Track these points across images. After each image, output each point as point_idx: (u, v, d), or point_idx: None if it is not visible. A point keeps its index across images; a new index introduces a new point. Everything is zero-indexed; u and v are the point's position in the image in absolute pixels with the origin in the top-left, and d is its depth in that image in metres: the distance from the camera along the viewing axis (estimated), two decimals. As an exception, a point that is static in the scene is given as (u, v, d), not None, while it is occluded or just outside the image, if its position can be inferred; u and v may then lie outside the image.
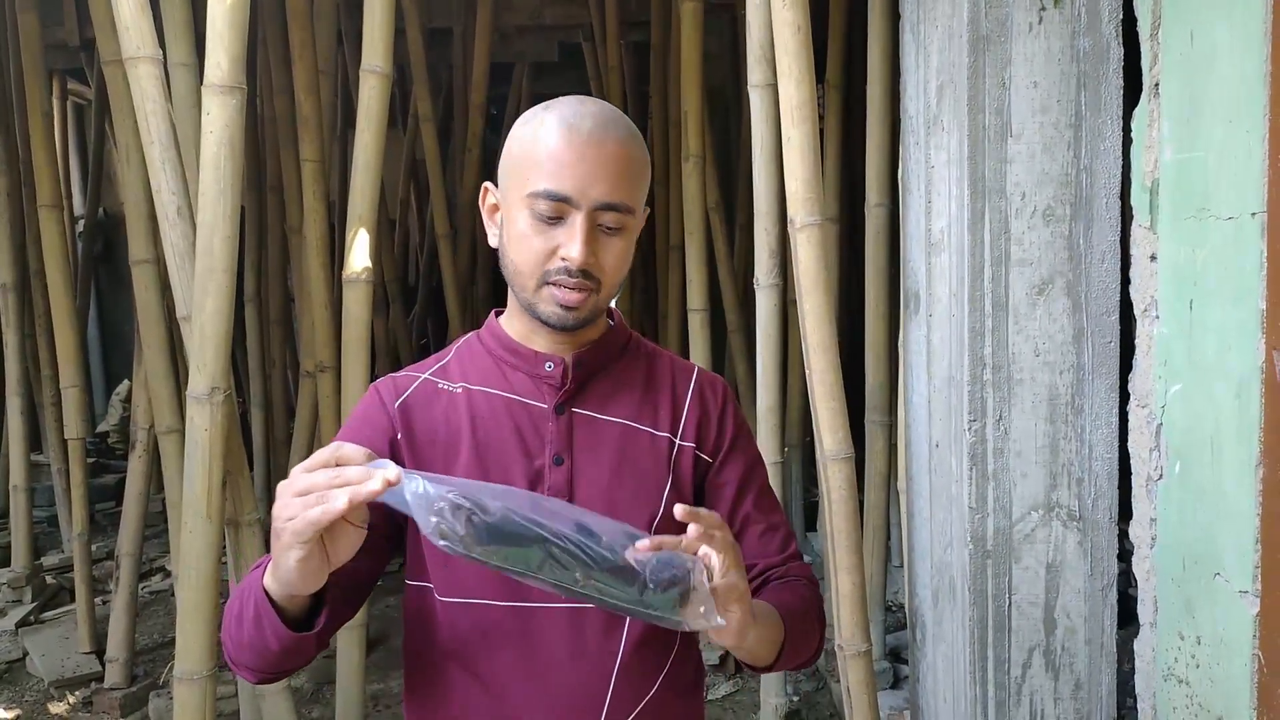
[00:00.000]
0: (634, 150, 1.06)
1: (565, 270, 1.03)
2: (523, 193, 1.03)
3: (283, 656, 0.98)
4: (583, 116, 1.04)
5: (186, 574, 2.10)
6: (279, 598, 0.93)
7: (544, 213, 1.02)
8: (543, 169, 1.02)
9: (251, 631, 0.96)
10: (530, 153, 1.04)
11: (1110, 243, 1.81)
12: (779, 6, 1.94)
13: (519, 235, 1.04)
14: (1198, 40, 1.54)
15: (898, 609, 3.63)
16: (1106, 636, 1.90)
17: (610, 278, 1.06)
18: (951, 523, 1.96)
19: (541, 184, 1.02)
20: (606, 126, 1.04)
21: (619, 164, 1.03)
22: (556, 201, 1.02)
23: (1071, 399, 1.84)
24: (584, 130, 1.02)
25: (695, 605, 0.88)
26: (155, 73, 2.09)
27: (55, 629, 3.92)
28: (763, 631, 1.02)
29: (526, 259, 1.04)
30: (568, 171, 1.01)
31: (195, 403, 2.06)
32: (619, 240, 1.06)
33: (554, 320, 1.06)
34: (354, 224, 2.33)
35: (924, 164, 2.00)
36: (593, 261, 1.03)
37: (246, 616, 0.97)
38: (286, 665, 1.01)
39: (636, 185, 1.06)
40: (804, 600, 1.14)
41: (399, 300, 5.24)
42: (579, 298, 1.04)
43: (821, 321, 2.03)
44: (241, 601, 0.99)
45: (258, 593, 0.95)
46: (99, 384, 7.23)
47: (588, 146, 1.02)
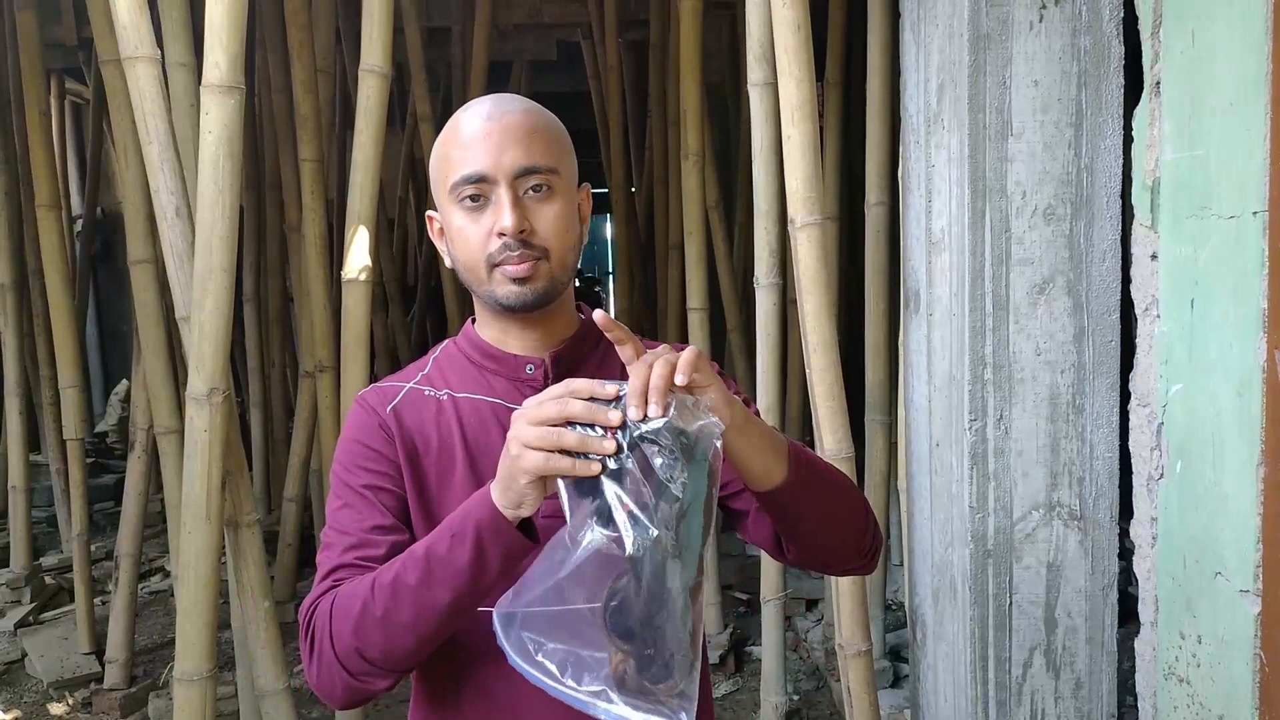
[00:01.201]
0: (538, 118, 1.08)
1: (505, 246, 1.04)
2: (447, 191, 1.06)
3: (460, 612, 0.95)
4: (480, 104, 1.08)
5: (185, 575, 2.10)
6: (510, 516, 0.91)
7: (469, 200, 1.04)
8: (455, 160, 1.05)
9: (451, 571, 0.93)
10: (444, 153, 1.07)
11: (1111, 242, 1.81)
12: (779, 5, 1.93)
13: (457, 233, 1.06)
14: (1199, 39, 1.54)
15: (897, 607, 3.63)
16: (1107, 636, 1.90)
17: (555, 243, 1.06)
18: (952, 522, 1.95)
19: (458, 173, 1.04)
20: (507, 102, 1.07)
21: (524, 129, 1.05)
22: (476, 183, 1.04)
23: (1072, 398, 1.84)
24: (483, 112, 1.06)
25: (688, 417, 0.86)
26: (154, 72, 2.09)
27: (54, 629, 3.92)
28: (756, 429, 0.97)
29: (468, 251, 1.06)
30: (477, 152, 1.04)
31: (194, 403, 2.05)
32: (551, 204, 1.06)
33: (514, 300, 1.06)
34: (353, 223, 2.33)
35: (924, 163, 1.99)
36: (527, 227, 1.04)
37: (432, 566, 0.93)
38: (442, 637, 0.98)
39: (550, 147, 1.07)
40: (832, 467, 1.10)
41: (398, 300, 5.24)
42: (527, 267, 1.04)
43: (821, 320, 2.03)
44: (419, 564, 0.95)
45: (476, 517, 0.92)
46: (97, 384, 7.23)
47: (489, 122, 1.05)
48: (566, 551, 0.85)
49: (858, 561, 1.13)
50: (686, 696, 0.86)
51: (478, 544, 0.92)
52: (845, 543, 1.10)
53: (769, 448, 0.98)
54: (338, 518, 1.07)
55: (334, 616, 0.99)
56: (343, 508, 1.07)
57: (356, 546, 1.04)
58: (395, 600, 0.95)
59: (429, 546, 0.95)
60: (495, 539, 0.92)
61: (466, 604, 0.95)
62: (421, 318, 6.14)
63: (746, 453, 0.96)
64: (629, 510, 0.84)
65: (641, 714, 0.84)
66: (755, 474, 0.98)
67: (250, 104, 4.38)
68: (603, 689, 0.85)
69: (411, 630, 0.95)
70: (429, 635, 0.96)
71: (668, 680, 0.86)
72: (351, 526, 1.05)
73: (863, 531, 1.10)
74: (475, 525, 0.92)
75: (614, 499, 0.84)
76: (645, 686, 0.85)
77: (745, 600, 4.00)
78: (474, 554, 0.92)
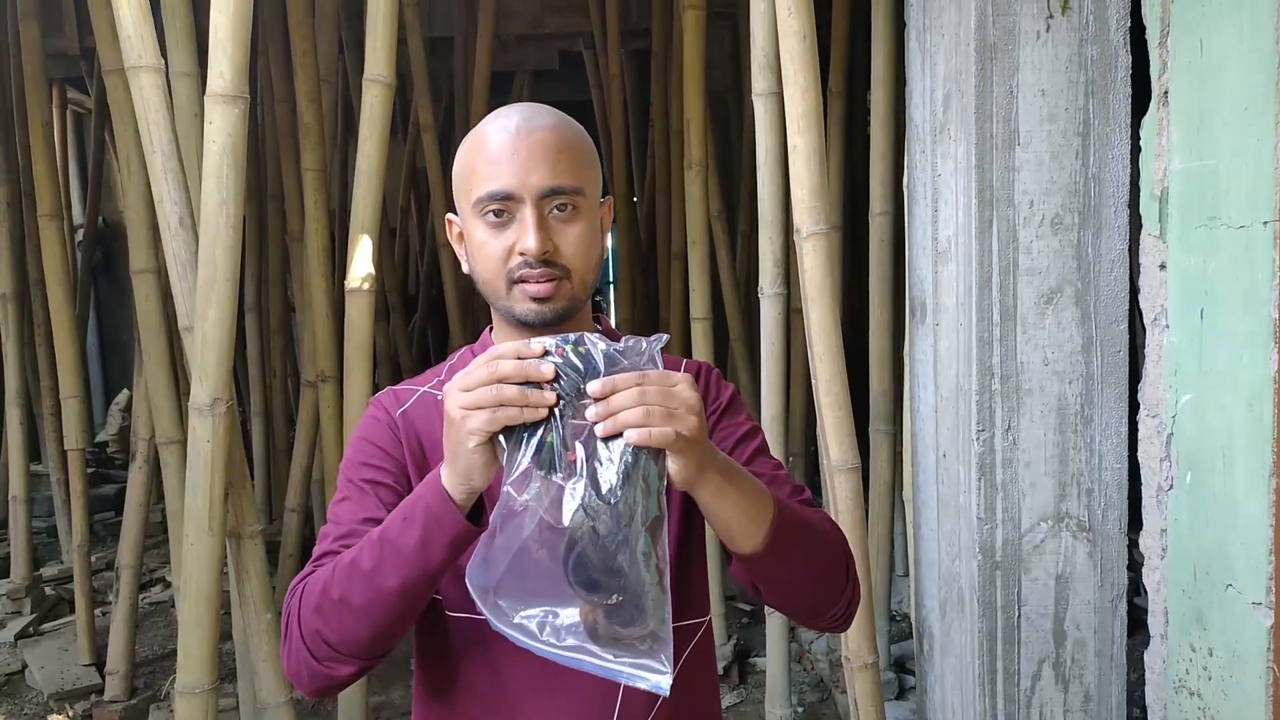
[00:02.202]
0: (567, 133, 1.06)
1: (526, 264, 1.03)
2: (470, 204, 1.05)
3: (429, 579, 0.94)
4: (509, 116, 1.05)
5: (188, 587, 2.09)
6: (460, 497, 0.91)
7: (493, 216, 1.03)
8: (482, 175, 1.03)
9: (402, 557, 0.92)
10: (468, 164, 1.06)
11: (1119, 251, 1.80)
12: (785, 14, 1.93)
13: (478, 247, 1.05)
14: (1207, 48, 1.53)
15: (901, 619, 3.62)
16: (1116, 648, 1.89)
17: (577, 264, 1.05)
18: (959, 533, 1.94)
19: (483, 188, 1.03)
20: (534, 118, 1.05)
21: (552, 148, 1.03)
22: (501, 200, 1.02)
23: (1080, 409, 1.83)
24: (511, 127, 1.04)
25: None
26: (157, 82, 2.08)
27: (55, 641, 3.89)
28: (736, 489, 0.93)
29: (489, 266, 1.05)
30: (504, 168, 1.02)
31: (197, 414, 2.04)
32: (575, 225, 1.05)
33: (531, 317, 1.05)
34: (357, 233, 2.32)
35: (930, 172, 1.99)
36: (551, 249, 1.03)
37: (385, 549, 0.93)
38: (399, 623, 0.97)
39: (578, 165, 1.05)
40: (818, 519, 1.06)
41: (399, 309, 5.23)
42: (548, 288, 1.03)
43: (828, 330, 2.02)
44: (373, 547, 0.94)
45: (426, 499, 0.92)
46: (98, 393, 7.22)
47: (518, 139, 1.03)
48: (523, 516, 0.84)
49: (828, 624, 1.11)
50: (660, 639, 0.85)
51: (424, 529, 0.91)
52: (819, 606, 1.08)
53: (748, 514, 0.94)
54: (336, 510, 1.08)
55: (303, 600, 0.99)
56: (342, 500, 1.09)
57: (345, 536, 1.04)
58: (350, 584, 0.95)
59: (384, 530, 0.95)
60: (440, 525, 0.91)
61: (417, 590, 0.94)
62: (423, 327, 6.13)
63: (722, 517, 0.94)
64: (574, 460, 0.83)
65: (622, 663, 0.84)
66: (731, 538, 0.96)
67: (252, 113, 4.38)
68: (580, 643, 0.84)
69: (364, 615, 0.95)
70: (383, 621, 0.95)
71: (640, 623, 0.85)
72: (345, 517, 1.06)
73: (838, 595, 1.07)
74: (424, 509, 0.92)
75: (558, 449, 0.84)
76: (617, 633, 0.85)
77: (749, 611, 3.98)
78: (420, 538, 0.91)
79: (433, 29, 4.77)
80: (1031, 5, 1.74)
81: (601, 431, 0.84)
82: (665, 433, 0.84)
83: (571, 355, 0.86)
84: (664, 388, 0.85)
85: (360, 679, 1.04)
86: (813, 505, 1.14)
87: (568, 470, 0.84)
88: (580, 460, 0.84)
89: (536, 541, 0.84)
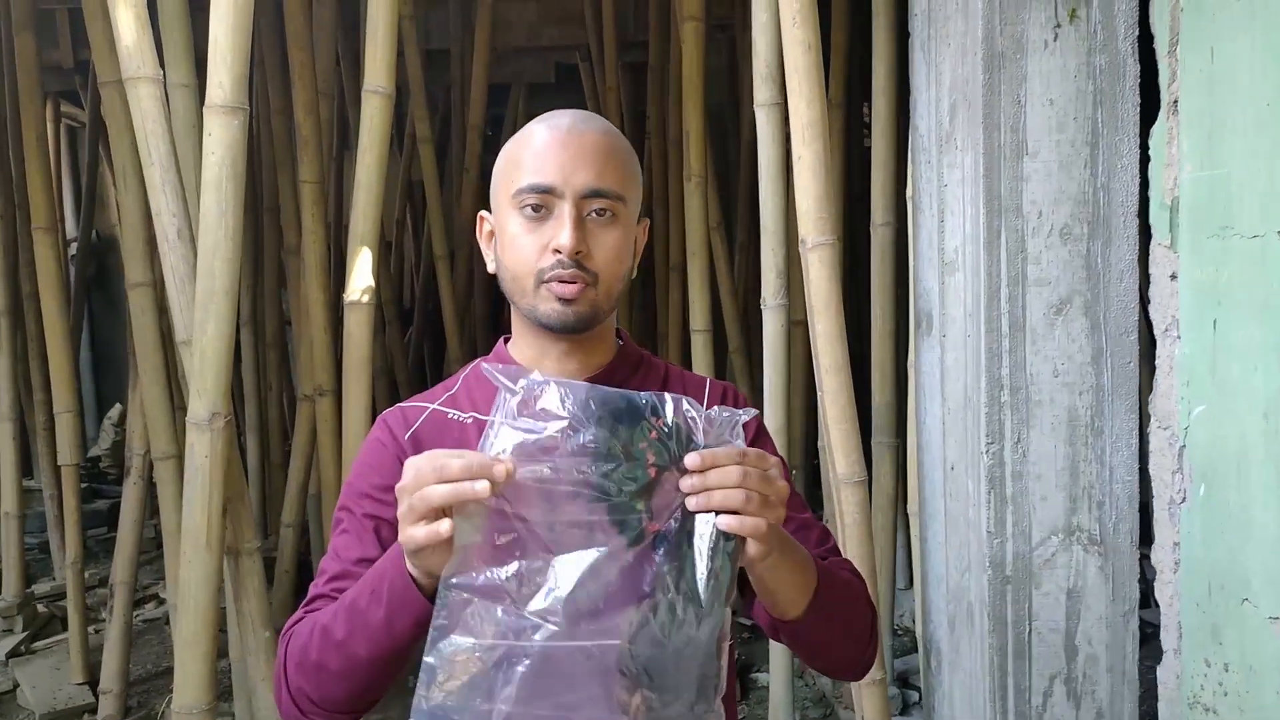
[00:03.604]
0: (617, 142, 1.06)
1: (559, 263, 1.01)
2: (510, 195, 1.03)
3: (401, 649, 0.92)
4: (562, 115, 1.06)
5: (185, 604, 2.05)
6: (422, 579, 0.88)
7: (531, 209, 1.01)
8: (526, 166, 1.02)
9: (370, 628, 0.91)
10: (514, 156, 1.05)
11: (1129, 262, 1.79)
12: (789, 25, 1.92)
13: (510, 240, 1.04)
14: (1218, 56, 1.52)
15: (903, 632, 3.59)
16: (1129, 664, 1.87)
17: (607, 272, 1.03)
18: (969, 547, 1.92)
19: (525, 180, 1.02)
20: (587, 120, 1.05)
21: (601, 151, 1.03)
22: (542, 194, 1.01)
23: (1091, 420, 1.81)
24: (563, 125, 1.04)
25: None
26: (155, 93, 2.06)
27: (47, 659, 3.84)
28: (789, 562, 0.93)
29: (520, 260, 1.03)
30: (550, 163, 1.01)
31: (195, 428, 2.02)
32: (613, 231, 1.03)
33: (554, 319, 1.02)
34: (355, 244, 2.30)
35: (936, 182, 1.97)
36: (584, 250, 1.01)
37: (356, 618, 0.92)
38: (376, 687, 0.96)
39: (623, 174, 1.04)
40: (849, 579, 1.07)
41: (395, 323, 5.20)
42: (575, 289, 1.01)
43: (834, 342, 2.00)
44: (346, 611, 0.93)
45: (390, 575, 0.90)
46: (90, 408, 7.17)
47: (569, 136, 1.02)
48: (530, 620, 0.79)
49: (843, 676, 1.12)
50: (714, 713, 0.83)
51: (389, 607, 0.90)
52: (841, 664, 1.09)
53: (795, 585, 0.95)
54: (335, 544, 1.07)
55: (289, 651, 0.99)
56: (342, 533, 1.07)
57: (338, 578, 1.03)
58: (325, 650, 0.95)
59: (354, 599, 0.94)
60: (404, 605, 0.89)
61: (387, 660, 0.93)
62: (419, 341, 6.10)
63: (770, 588, 0.94)
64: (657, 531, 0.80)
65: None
66: (775, 605, 0.97)
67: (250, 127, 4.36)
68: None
69: (340, 679, 0.94)
70: (358, 686, 0.95)
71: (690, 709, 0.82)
72: (343, 553, 1.04)
73: (860, 654, 1.08)
74: (389, 588, 0.90)
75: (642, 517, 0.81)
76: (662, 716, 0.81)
77: (750, 626, 3.95)
78: (385, 616, 0.90)
79: (429, 41, 4.76)
80: (1039, 14, 1.73)
81: (694, 506, 0.81)
82: (758, 524, 0.82)
83: (669, 415, 0.82)
84: (763, 472, 0.84)
85: None
86: (838, 553, 1.14)
87: (648, 542, 0.81)
88: (673, 534, 0.81)
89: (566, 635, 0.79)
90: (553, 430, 0.80)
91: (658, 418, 0.82)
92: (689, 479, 0.82)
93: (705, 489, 0.81)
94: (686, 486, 0.82)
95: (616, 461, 0.80)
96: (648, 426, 0.81)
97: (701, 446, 0.82)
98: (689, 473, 0.82)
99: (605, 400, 0.81)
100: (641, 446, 0.81)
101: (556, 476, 0.80)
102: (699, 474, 0.81)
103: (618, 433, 0.80)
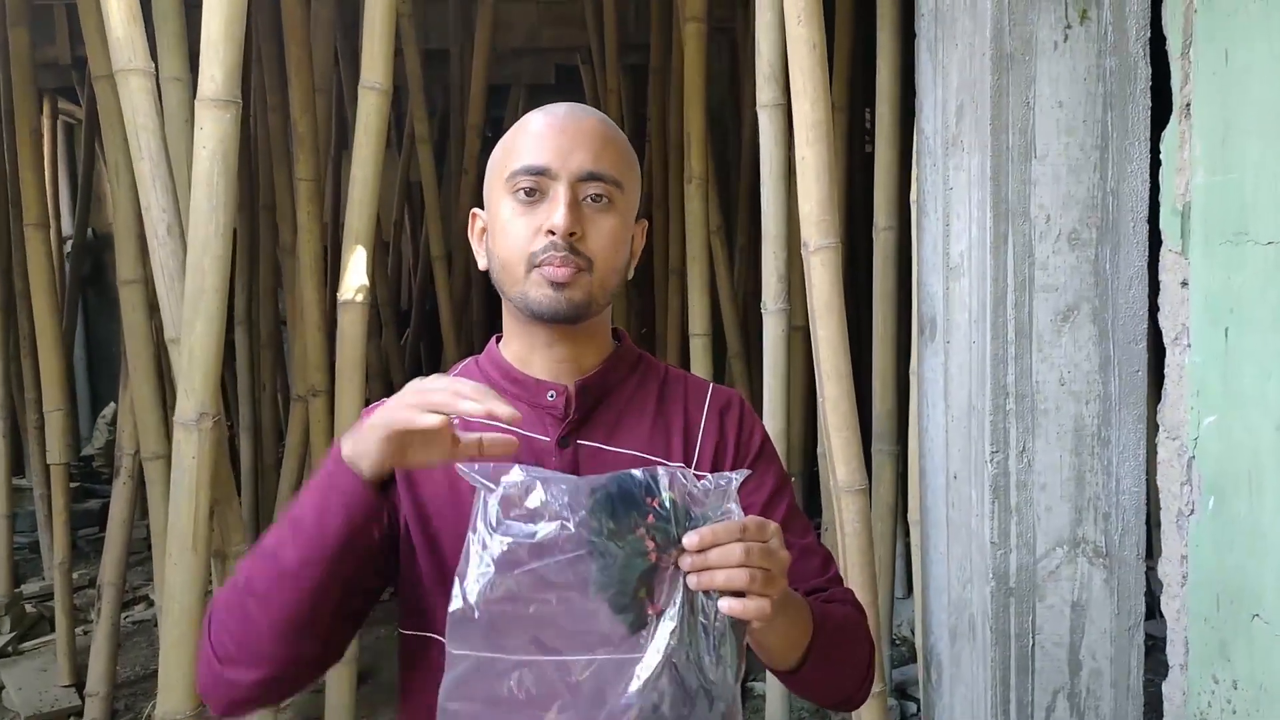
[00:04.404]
0: (615, 132, 1.04)
1: (552, 245, 0.97)
2: (503, 179, 1.00)
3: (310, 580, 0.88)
4: (557, 105, 1.04)
5: (170, 607, 2.01)
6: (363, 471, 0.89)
7: (525, 192, 0.99)
8: (520, 150, 1.00)
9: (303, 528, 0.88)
10: (509, 144, 1.03)
11: (1138, 268, 1.75)
12: (794, 23, 1.88)
13: (502, 226, 1.00)
14: (1233, 59, 1.49)
15: (901, 642, 3.55)
16: (1133, 679, 1.83)
17: (602, 259, 1.00)
18: (971, 558, 1.88)
19: (520, 162, 0.99)
20: (585, 109, 1.04)
21: (599, 136, 1.01)
22: (536, 175, 0.98)
23: (1098, 430, 1.77)
24: (560, 112, 1.02)
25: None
26: (146, 86, 2.03)
27: (34, 661, 3.80)
28: (787, 622, 0.91)
29: (511, 245, 0.99)
30: (546, 145, 0.99)
31: (183, 428, 1.97)
32: (608, 218, 1.00)
33: (546, 305, 0.98)
34: (350, 243, 2.26)
35: (942, 185, 1.94)
36: (579, 233, 0.98)
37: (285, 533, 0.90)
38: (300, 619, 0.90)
39: (620, 161, 1.02)
40: (847, 618, 1.04)
41: (392, 324, 5.17)
42: (568, 272, 0.97)
43: (836, 348, 1.96)
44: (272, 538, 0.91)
45: (326, 467, 0.90)
46: (85, 407, 7.13)
47: (566, 121, 1.01)
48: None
49: (840, 708, 1.11)
50: None
51: (320, 494, 0.89)
52: (834, 700, 1.07)
53: (790, 640, 0.93)
54: None
55: (217, 598, 0.95)
56: None
57: None
58: (255, 565, 0.91)
59: (290, 508, 0.92)
60: (334, 489, 0.89)
61: (316, 571, 0.88)
62: (415, 342, 6.06)
63: (767, 645, 0.92)
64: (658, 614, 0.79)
65: None
66: (769, 658, 0.95)
67: (246, 123, 4.33)
68: None
69: (265, 602, 0.89)
70: (282, 612, 0.89)
71: None
72: None
73: (855, 689, 1.06)
74: (324, 475, 0.90)
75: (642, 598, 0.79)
76: None
77: (745, 633, 3.91)
78: (316, 506, 0.89)
79: (429, 41, 4.72)
80: (1049, 15, 1.70)
81: (696, 585, 0.79)
82: (762, 606, 0.80)
83: (665, 494, 0.78)
84: (764, 545, 0.81)
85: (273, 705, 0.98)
86: (840, 580, 1.10)
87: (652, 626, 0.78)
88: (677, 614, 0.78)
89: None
90: (544, 534, 0.77)
91: (653, 498, 0.78)
92: (689, 558, 0.79)
93: (706, 568, 0.79)
94: (687, 566, 0.79)
95: (613, 556, 0.77)
96: (644, 509, 0.78)
97: (700, 521, 0.79)
98: (688, 552, 0.79)
99: (595, 489, 0.78)
100: (639, 533, 0.78)
101: (552, 580, 0.77)
102: (699, 553, 0.79)
103: (615, 519, 0.77)
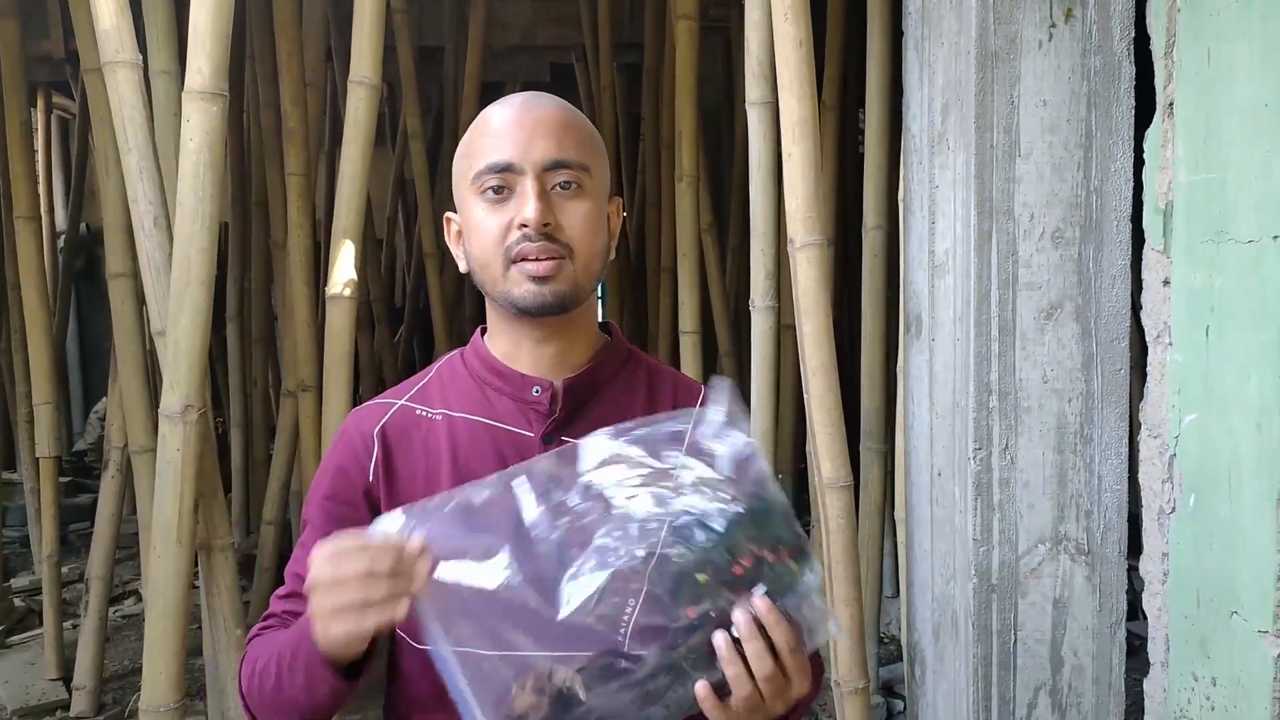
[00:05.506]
0: (575, 116, 1.02)
1: (526, 238, 0.96)
2: (469, 181, 0.99)
3: (324, 709, 0.94)
4: (513, 97, 1.03)
5: (154, 601, 2.01)
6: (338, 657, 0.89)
7: (492, 193, 0.98)
8: (482, 150, 0.99)
9: (295, 687, 0.92)
10: (469, 145, 1.02)
11: (1121, 266, 1.76)
12: (781, 20, 1.88)
13: (475, 226, 0.99)
14: (1215, 58, 1.49)
15: (889, 640, 3.55)
16: (1115, 675, 1.83)
17: (580, 244, 0.98)
18: (954, 555, 1.88)
19: (483, 161, 0.98)
20: (540, 97, 1.03)
21: (558, 123, 0.99)
22: (501, 172, 0.97)
23: (1080, 428, 1.78)
24: (516, 103, 1.01)
25: None
26: (134, 78, 2.02)
27: (22, 654, 3.79)
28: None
29: (485, 244, 0.98)
30: (507, 139, 0.98)
31: (168, 421, 1.97)
32: (580, 202, 0.99)
33: (530, 301, 0.97)
34: (339, 237, 2.26)
35: (927, 183, 1.94)
36: (551, 222, 0.97)
37: (284, 673, 0.93)
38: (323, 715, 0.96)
39: (584, 144, 1.01)
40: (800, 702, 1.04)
41: (385, 321, 5.16)
42: (549, 265, 0.96)
43: (820, 344, 1.96)
44: (278, 660, 0.94)
45: (306, 649, 0.89)
46: (78, 401, 7.11)
47: (522, 112, 0.99)
48: None
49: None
50: None
51: (307, 675, 0.91)
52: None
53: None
54: (298, 554, 1.04)
55: (243, 672, 1.01)
56: (301, 545, 1.04)
57: (290, 596, 1.03)
58: (264, 686, 0.96)
59: (281, 651, 0.94)
60: (321, 682, 0.90)
61: (322, 708, 0.94)
62: (408, 339, 6.06)
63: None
64: None
65: None
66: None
67: (238, 118, 4.33)
68: None
69: (283, 710, 0.96)
70: (300, 715, 0.96)
71: None
72: (301, 568, 1.01)
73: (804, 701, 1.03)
74: (305, 658, 0.90)
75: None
76: None
77: (734, 631, 3.91)
78: (305, 682, 0.91)
79: (423, 38, 4.72)
80: (1034, 14, 1.70)
81: (720, 655, 0.81)
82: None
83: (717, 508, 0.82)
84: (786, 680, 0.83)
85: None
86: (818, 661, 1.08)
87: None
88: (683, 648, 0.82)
89: None
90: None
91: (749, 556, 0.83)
92: (721, 636, 0.81)
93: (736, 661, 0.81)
94: (721, 641, 0.81)
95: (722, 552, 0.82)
96: (751, 553, 0.82)
97: (762, 593, 0.81)
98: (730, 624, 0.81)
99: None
100: (744, 561, 0.81)
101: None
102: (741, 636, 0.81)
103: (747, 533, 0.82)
